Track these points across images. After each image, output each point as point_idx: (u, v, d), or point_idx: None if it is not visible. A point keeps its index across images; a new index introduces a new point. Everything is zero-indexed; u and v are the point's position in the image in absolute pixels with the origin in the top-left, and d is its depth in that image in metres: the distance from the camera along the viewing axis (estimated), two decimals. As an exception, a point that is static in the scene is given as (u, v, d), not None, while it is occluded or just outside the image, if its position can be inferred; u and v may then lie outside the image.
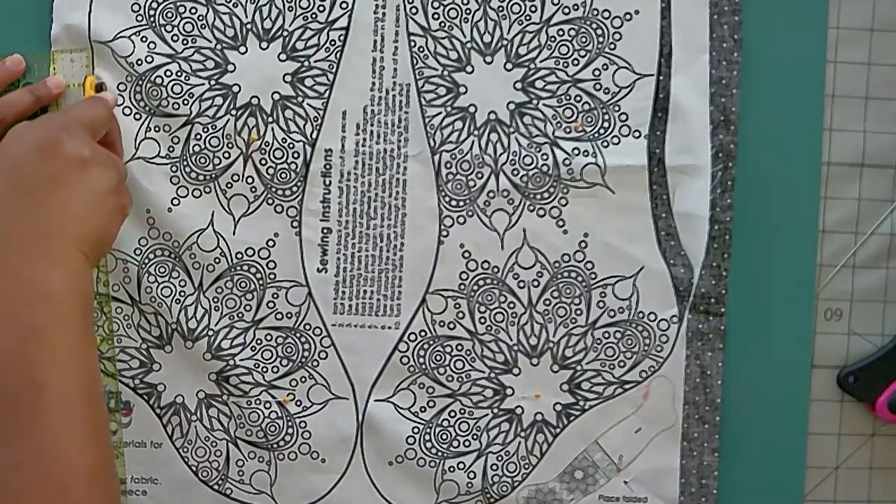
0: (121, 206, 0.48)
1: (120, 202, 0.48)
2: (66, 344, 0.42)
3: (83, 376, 0.43)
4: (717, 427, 0.56)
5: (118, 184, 0.48)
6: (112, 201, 0.47)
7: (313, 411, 0.56)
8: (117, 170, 0.48)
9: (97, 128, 0.49)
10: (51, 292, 0.43)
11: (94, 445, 0.42)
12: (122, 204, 0.48)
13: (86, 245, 0.45)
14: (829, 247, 0.57)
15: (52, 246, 0.44)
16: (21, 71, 0.53)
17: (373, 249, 0.56)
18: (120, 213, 0.48)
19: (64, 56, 0.53)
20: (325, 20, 0.55)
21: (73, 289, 0.44)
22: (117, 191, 0.48)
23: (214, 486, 0.57)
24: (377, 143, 0.55)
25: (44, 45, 0.54)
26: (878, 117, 0.57)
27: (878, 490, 0.58)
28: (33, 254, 0.43)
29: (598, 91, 0.55)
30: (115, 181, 0.47)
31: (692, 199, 0.55)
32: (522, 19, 0.55)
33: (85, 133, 0.47)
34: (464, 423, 0.57)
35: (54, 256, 0.43)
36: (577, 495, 0.57)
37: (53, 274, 0.43)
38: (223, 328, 0.56)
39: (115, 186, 0.47)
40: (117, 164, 0.49)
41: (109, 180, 0.47)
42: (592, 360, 0.56)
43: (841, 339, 0.57)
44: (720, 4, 0.55)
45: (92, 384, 0.44)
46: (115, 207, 0.47)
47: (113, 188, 0.47)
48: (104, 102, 0.51)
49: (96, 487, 0.41)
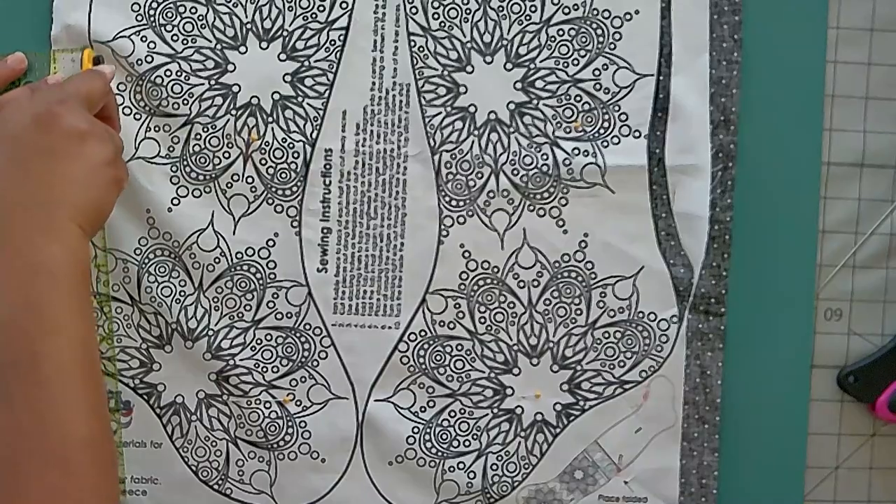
0: (117, 179, 0.48)
1: (117, 175, 0.48)
2: (64, 315, 0.43)
3: (82, 347, 0.43)
4: (716, 427, 0.56)
5: (115, 157, 0.48)
6: (109, 174, 0.47)
7: (313, 411, 0.56)
8: (114, 143, 0.48)
9: (94, 101, 0.49)
10: (50, 264, 0.43)
11: (93, 415, 0.42)
12: (119, 177, 0.48)
13: (83, 217, 0.45)
14: (829, 247, 0.57)
15: (51, 218, 0.44)
16: (23, 69, 0.53)
17: (373, 249, 0.56)
18: (116, 186, 0.48)
19: (65, 55, 0.53)
20: (325, 20, 0.55)
21: (72, 260, 0.44)
22: (114, 163, 0.48)
23: (214, 486, 0.57)
24: (377, 142, 0.55)
25: (44, 44, 0.54)
26: (878, 117, 0.57)
27: (878, 490, 0.58)
28: (32, 225, 0.43)
29: (598, 91, 0.55)
30: (111, 154, 0.47)
31: (692, 199, 0.55)
32: (522, 19, 0.55)
33: (82, 106, 0.47)
34: (464, 422, 0.57)
35: (52, 228, 0.44)
36: (576, 495, 0.57)
37: (52, 245, 0.43)
38: (223, 328, 0.56)
39: (111, 159, 0.47)
40: (114, 137, 0.49)
41: (106, 153, 0.47)
42: (592, 360, 0.56)
43: (841, 339, 0.57)
44: (720, 4, 0.55)
45: (90, 355, 0.44)
46: (112, 180, 0.47)
47: (110, 161, 0.47)
48: (102, 75, 0.51)
49: (95, 456, 0.42)
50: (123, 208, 0.55)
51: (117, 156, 0.49)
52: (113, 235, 0.55)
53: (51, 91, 0.48)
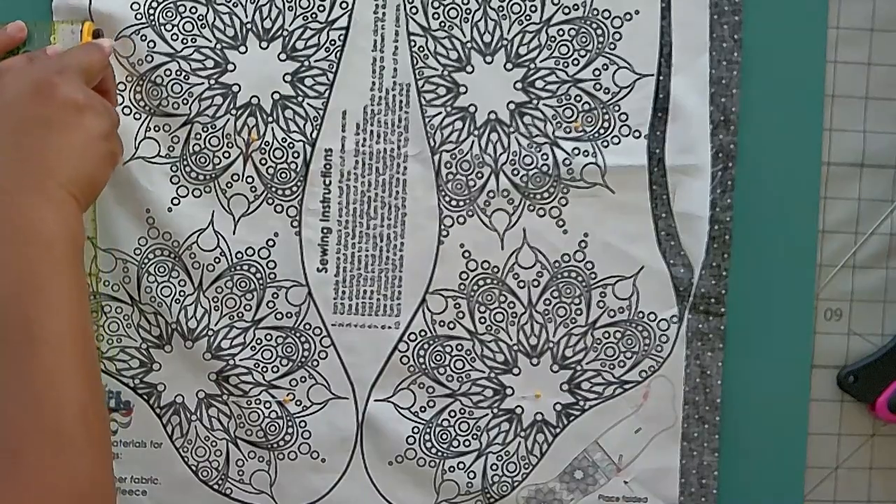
0: (112, 152, 0.48)
1: (111, 149, 0.48)
2: (58, 284, 0.43)
3: (75, 316, 0.43)
4: (716, 427, 0.56)
5: (111, 131, 0.48)
6: (104, 147, 0.47)
7: (313, 411, 0.56)
8: (110, 117, 0.48)
9: (93, 74, 0.49)
10: (44, 233, 0.43)
11: (86, 384, 0.42)
12: (114, 151, 0.48)
13: (77, 188, 0.45)
14: (829, 247, 0.57)
15: (45, 187, 0.44)
16: (23, 38, 0.52)
17: (373, 249, 0.56)
18: (111, 159, 0.48)
19: (65, 27, 0.53)
20: (325, 20, 0.55)
21: (66, 230, 0.44)
22: (109, 137, 0.48)
23: (214, 486, 0.57)
24: (377, 142, 0.55)
25: (45, 15, 0.53)
26: (878, 117, 0.57)
27: (878, 490, 0.58)
28: (26, 195, 0.43)
29: (598, 91, 0.55)
30: (107, 127, 0.48)
31: (692, 199, 0.55)
32: (522, 19, 0.55)
33: (80, 78, 0.47)
34: (464, 422, 0.57)
35: (47, 198, 0.44)
36: (576, 495, 0.57)
37: (46, 215, 0.43)
38: (223, 328, 0.55)
39: (107, 133, 0.47)
40: (110, 111, 0.49)
41: (102, 126, 0.47)
42: (592, 360, 0.56)
43: (841, 339, 0.57)
44: (720, 4, 0.55)
45: (83, 324, 0.44)
46: (107, 153, 0.47)
47: (105, 134, 0.47)
48: (101, 49, 0.51)
49: (88, 424, 0.41)
50: (123, 208, 0.55)
51: (113, 130, 0.49)
52: (113, 235, 0.55)
53: (50, 61, 0.48)
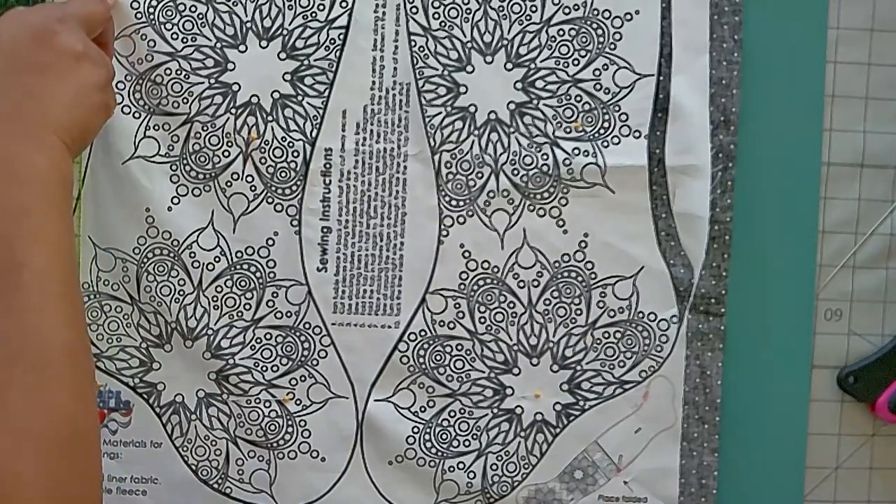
0: (106, 104, 0.49)
1: (106, 100, 0.49)
2: (47, 224, 0.43)
3: (62, 257, 0.43)
4: (716, 427, 0.56)
5: (106, 82, 0.49)
6: (99, 98, 0.48)
7: (313, 410, 0.56)
8: (107, 69, 0.49)
9: (93, 24, 0.49)
10: (34, 173, 0.43)
11: (72, 323, 0.43)
12: (108, 103, 0.49)
13: (68, 135, 0.45)
14: (829, 247, 0.57)
15: (38, 130, 0.44)
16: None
17: (373, 249, 0.56)
18: (105, 110, 0.49)
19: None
20: (325, 19, 0.55)
21: (56, 172, 0.44)
22: (105, 89, 0.48)
23: (214, 486, 0.56)
24: (377, 142, 0.55)
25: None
26: (878, 117, 0.57)
27: (878, 490, 0.58)
28: (18, 135, 0.44)
29: (598, 91, 0.55)
30: (104, 79, 0.48)
31: (692, 199, 0.55)
32: (523, 19, 0.55)
33: (80, 28, 0.48)
34: (464, 422, 0.57)
35: (39, 140, 0.44)
36: (576, 495, 0.57)
37: (37, 156, 0.44)
38: (223, 327, 0.55)
39: (103, 84, 0.48)
40: (108, 63, 0.50)
41: (99, 77, 0.47)
42: (592, 360, 0.56)
43: (841, 339, 0.57)
44: (720, 4, 0.55)
45: (70, 266, 0.44)
46: (101, 104, 0.48)
47: (101, 85, 0.48)
48: (103, 1, 0.51)
49: (73, 363, 0.42)
50: (123, 207, 0.55)
51: (108, 82, 0.49)
52: (112, 234, 0.55)
53: (51, 9, 0.48)
